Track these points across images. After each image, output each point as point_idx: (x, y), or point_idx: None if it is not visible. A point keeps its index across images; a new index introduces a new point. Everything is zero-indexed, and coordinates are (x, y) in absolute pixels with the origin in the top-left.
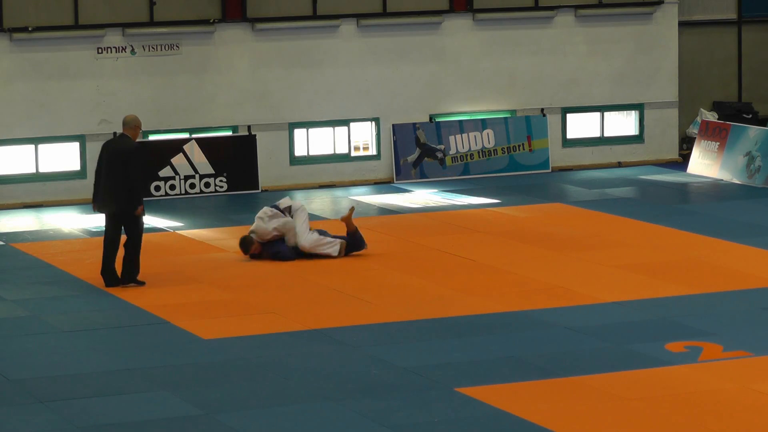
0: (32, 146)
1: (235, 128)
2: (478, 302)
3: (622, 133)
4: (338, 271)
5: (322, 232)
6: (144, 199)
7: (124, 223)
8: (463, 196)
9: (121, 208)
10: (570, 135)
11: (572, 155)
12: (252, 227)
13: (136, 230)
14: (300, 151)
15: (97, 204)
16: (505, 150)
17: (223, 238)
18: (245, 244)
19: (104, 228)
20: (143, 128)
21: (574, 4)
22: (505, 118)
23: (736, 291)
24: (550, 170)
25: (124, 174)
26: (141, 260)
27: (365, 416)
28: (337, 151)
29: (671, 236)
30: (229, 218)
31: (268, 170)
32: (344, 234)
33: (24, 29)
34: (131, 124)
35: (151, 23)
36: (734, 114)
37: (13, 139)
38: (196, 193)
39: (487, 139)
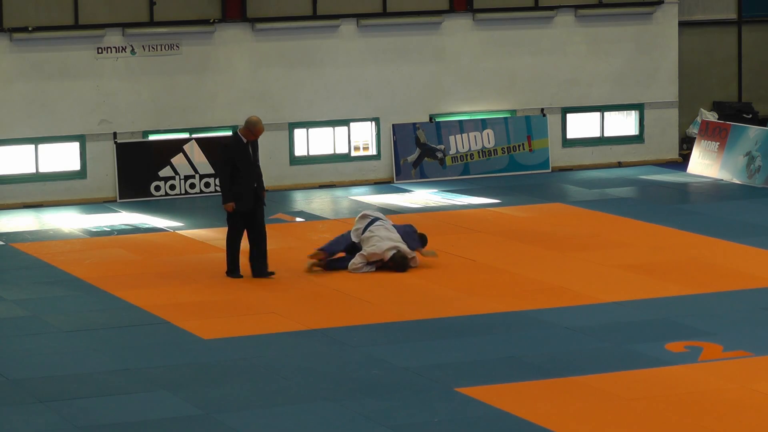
0: (32, 146)
1: (235, 128)
2: (478, 302)
3: (622, 133)
4: (338, 271)
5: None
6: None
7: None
8: (463, 196)
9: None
10: (570, 135)
11: (572, 155)
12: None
13: (227, 223)
14: (300, 151)
15: None
16: (505, 150)
17: (223, 238)
18: (404, 264)
19: None
20: (145, 128)
21: (574, 4)
22: (505, 118)
23: (736, 291)
24: (550, 170)
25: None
26: (142, 259)
27: (365, 416)
28: (337, 151)
29: (671, 236)
30: None
31: (268, 170)
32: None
33: (24, 29)
34: (245, 124)
35: (151, 23)
36: (734, 114)
37: (13, 139)
38: (196, 193)
39: (487, 139)
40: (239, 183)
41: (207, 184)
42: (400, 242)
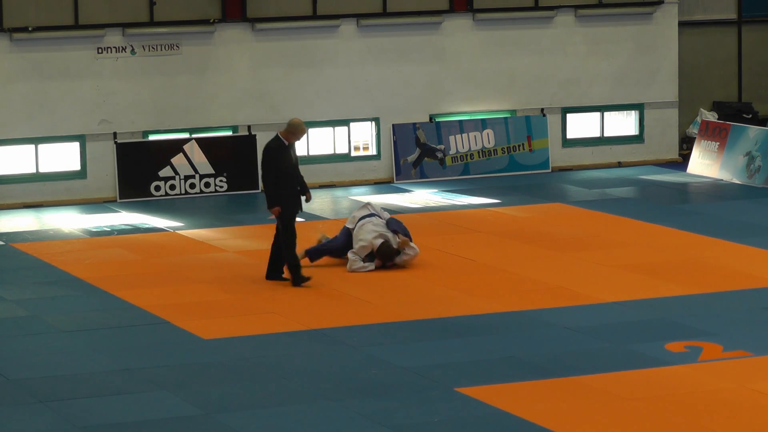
0: (32, 146)
1: (235, 128)
2: (478, 302)
3: (622, 133)
4: (338, 271)
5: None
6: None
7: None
8: (463, 196)
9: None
10: (570, 135)
11: (572, 155)
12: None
13: (281, 229)
14: (300, 151)
15: None
16: (505, 150)
17: (223, 238)
18: (390, 253)
19: None
20: (145, 128)
21: (574, 4)
22: (505, 118)
23: (736, 291)
24: (550, 170)
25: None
26: (142, 259)
27: (365, 416)
28: (337, 151)
29: (671, 236)
30: (229, 218)
31: None
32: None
33: (24, 29)
34: (287, 126)
35: (151, 23)
36: (734, 114)
37: (13, 139)
38: (196, 193)
39: (487, 139)
40: (283, 186)
41: (207, 184)
42: (387, 232)
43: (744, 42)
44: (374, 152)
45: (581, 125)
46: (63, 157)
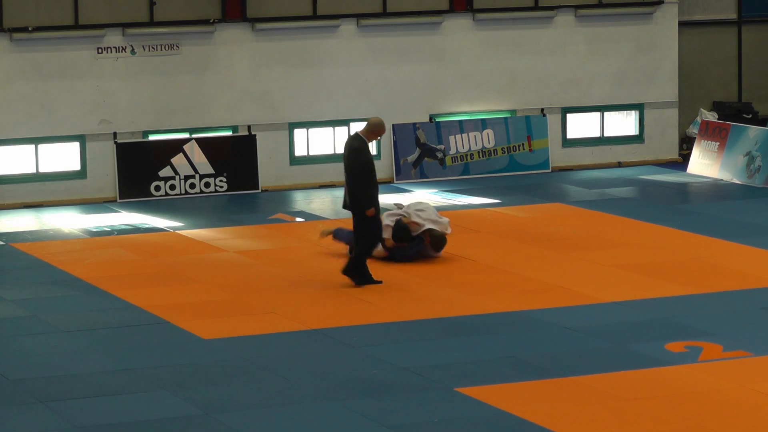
0: (32, 146)
1: (235, 128)
2: (478, 302)
3: (622, 133)
4: (338, 270)
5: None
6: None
7: (359, 221)
8: (463, 196)
9: (354, 206)
10: (570, 135)
11: (572, 155)
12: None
13: (364, 231)
14: (300, 151)
15: (345, 201)
16: (505, 150)
17: (223, 238)
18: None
19: None
20: (145, 128)
21: (574, 4)
22: (505, 118)
23: (736, 291)
24: (550, 170)
25: (351, 173)
26: (142, 259)
27: (365, 416)
28: (337, 151)
29: (671, 236)
30: (229, 218)
31: (268, 170)
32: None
33: (24, 29)
34: (368, 126)
35: (151, 23)
36: (734, 114)
37: (13, 139)
38: (196, 193)
39: (487, 139)
40: (372, 186)
41: (207, 184)
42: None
43: (744, 42)
44: (374, 152)
45: (581, 125)
46: (63, 157)
